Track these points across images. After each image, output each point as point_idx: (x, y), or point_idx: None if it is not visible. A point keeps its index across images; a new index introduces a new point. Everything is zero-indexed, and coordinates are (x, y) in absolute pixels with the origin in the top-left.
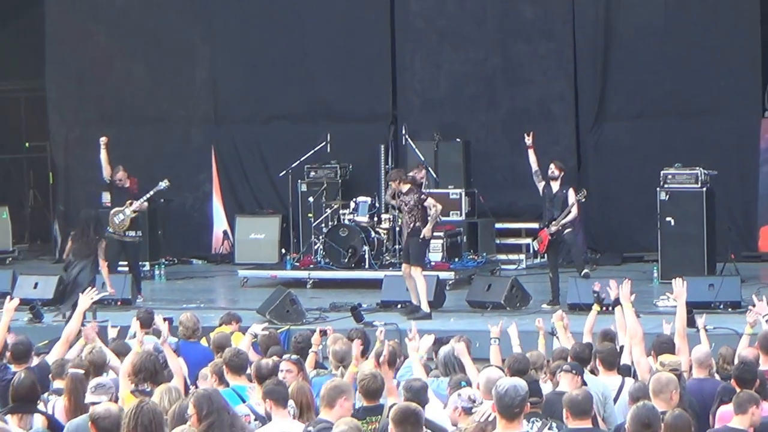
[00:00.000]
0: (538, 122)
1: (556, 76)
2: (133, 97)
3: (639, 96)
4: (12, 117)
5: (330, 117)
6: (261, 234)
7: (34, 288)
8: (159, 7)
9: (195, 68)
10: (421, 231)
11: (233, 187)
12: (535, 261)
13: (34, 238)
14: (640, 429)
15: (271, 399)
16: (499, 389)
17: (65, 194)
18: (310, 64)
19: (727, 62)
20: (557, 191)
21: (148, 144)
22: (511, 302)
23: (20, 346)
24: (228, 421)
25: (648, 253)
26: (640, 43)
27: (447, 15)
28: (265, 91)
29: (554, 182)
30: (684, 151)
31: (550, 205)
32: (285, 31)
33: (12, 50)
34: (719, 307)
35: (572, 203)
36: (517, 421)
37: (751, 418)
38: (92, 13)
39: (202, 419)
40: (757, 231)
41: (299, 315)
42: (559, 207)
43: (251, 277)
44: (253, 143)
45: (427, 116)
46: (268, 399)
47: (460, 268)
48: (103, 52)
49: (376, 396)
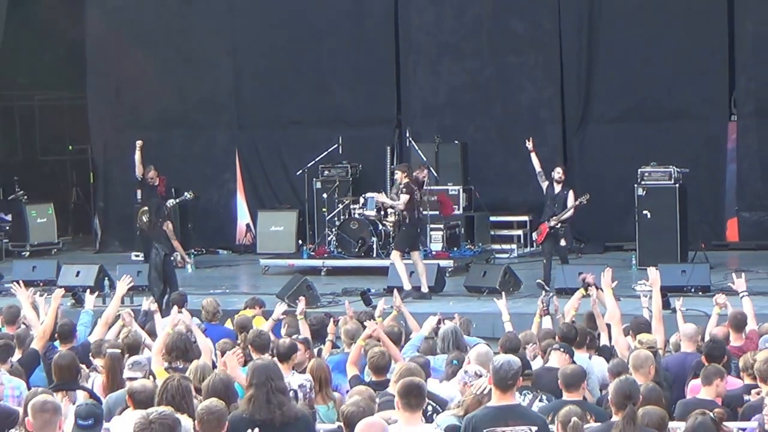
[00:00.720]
0: (528, 126)
1: (544, 84)
2: (165, 105)
3: (619, 102)
4: (57, 123)
5: (341, 122)
6: (280, 227)
7: (76, 276)
8: (188, 24)
9: (220, 79)
10: (407, 220)
11: (255, 185)
12: (525, 250)
13: (76, 231)
14: (622, 400)
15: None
16: (495, 364)
17: (104, 192)
18: (324, 75)
19: (698, 72)
20: (559, 192)
21: (178, 147)
22: (505, 287)
23: (65, 327)
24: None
25: (627, 243)
26: (619, 55)
27: (446, 30)
28: (282, 99)
29: (557, 184)
30: (659, 151)
31: (551, 203)
32: (301, 46)
33: (57, 64)
34: (691, 290)
35: (573, 204)
36: (510, 393)
37: (716, 389)
38: (128, 30)
39: (252, 386)
40: (724, 223)
41: (314, 299)
42: (560, 205)
43: (271, 265)
44: (273, 146)
45: (428, 121)
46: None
47: (459, 257)
48: (137, 65)
49: (384, 371)
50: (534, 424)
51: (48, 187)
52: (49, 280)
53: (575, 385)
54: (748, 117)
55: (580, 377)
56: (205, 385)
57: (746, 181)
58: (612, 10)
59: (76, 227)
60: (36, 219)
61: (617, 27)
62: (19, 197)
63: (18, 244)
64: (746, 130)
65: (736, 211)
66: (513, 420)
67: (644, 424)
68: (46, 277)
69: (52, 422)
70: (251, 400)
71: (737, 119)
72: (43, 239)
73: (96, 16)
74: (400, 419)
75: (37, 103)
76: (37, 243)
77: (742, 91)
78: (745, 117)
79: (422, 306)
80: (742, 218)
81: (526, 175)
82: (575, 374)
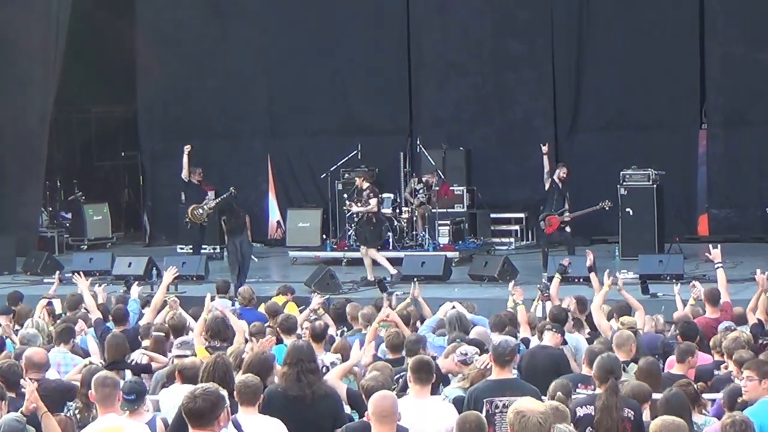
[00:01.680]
0: (524, 134)
1: (538, 97)
2: (206, 116)
3: (604, 112)
4: (110, 133)
5: (360, 131)
6: (307, 223)
7: (128, 266)
8: (226, 45)
9: (255, 93)
10: (373, 219)
11: (285, 187)
12: (522, 243)
13: (128, 227)
14: (604, 374)
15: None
16: (494, 343)
17: (152, 193)
18: (345, 90)
19: (673, 86)
20: (563, 188)
21: (217, 153)
22: (503, 276)
23: (119, 311)
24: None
25: (611, 236)
26: (604, 71)
27: (452, 50)
28: (309, 111)
29: (561, 181)
30: (638, 156)
31: (558, 197)
32: (326, 63)
33: (110, 80)
34: (666, 278)
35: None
36: (507, 368)
37: (688, 365)
38: (173, 49)
39: (286, 364)
40: (696, 219)
41: (337, 286)
42: (562, 200)
43: (299, 257)
44: (301, 152)
45: (437, 130)
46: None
47: (463, 249)
48: (182, 80)
49: (399, 349)
50: (528, 394)
51: (103, 189)
52: (104, 271)
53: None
54: (716, 126)
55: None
56: (245, 362)
57: (715, 183)
58: (597, 32)
59: (128, 224)
60: (92, 217)
61: (602, 47)
62: (77, 198)
63: (77, 238)
64: (715, 138)
65: (707, 208)
66: (510, 391)
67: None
68: (102, 267)
69: (112, 395)
70: (285, 377)
71: (707, 128)
72: (99, 234)
73: (145, 37)
74: (412, 391)
75: (93, 115)
76: (94, 238)
77: (711, 103)
78: (714, 126)
79: (433, 291)
80: (712, 215)
81: (522, 177)
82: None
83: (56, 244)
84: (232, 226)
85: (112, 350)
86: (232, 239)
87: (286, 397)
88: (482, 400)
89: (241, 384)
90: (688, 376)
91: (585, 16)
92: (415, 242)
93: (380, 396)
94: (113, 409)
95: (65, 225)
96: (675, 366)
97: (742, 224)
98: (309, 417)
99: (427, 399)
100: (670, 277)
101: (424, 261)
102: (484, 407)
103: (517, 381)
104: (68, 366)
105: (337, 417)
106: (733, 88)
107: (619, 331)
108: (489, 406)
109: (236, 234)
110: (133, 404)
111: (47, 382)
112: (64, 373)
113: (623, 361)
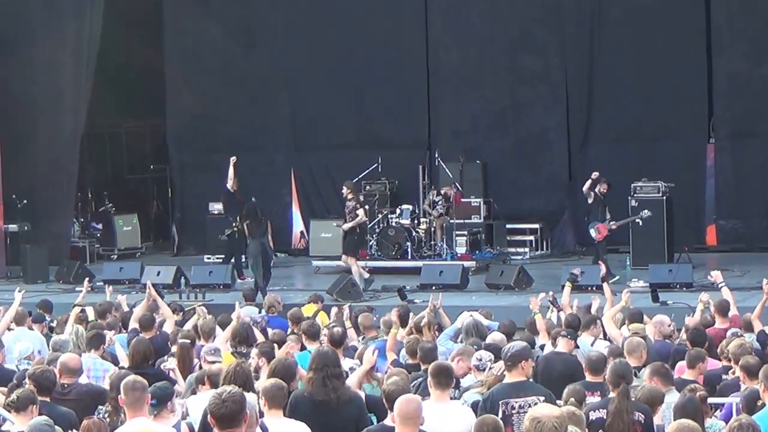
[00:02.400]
0: (539, 146)
1: (552, 111)
2: (232, 131)
3: (615, 126)
4: (140, 146)
5: (380, 144)
6: (329, 233)
7: (157, 275)
8: (251, 62)
9: (278, 109)
10: (356, 229)
11: (308, 198)
12: (537, 252)
13: (156, 237)
14: (617, 379)
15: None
16: (504, 348)
17: (180, 204)
18: (366, 105)
19: (682, 101)
20: (605, 200)
21: (243, 166)
22: (519, 284)
23: (145, 317)
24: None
25: (622, 246)
26: (615, 86)
27: (469, 66)
28: (331, 125)
29: (603, 195)
30: (648, 168)
31: (601, 208)
32: (347, 79)
33: (140, 96)
34: (676, 287)
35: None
36: (518, 371)
37: (698, 370)
38: (200, 66)
39: (312, 370)
40: (704, 229)
41: (358, 294)
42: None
43: (322, 266)
44: (323, 165)
45: (454, 143)
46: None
47: (480, 258)
48: (208, 96)
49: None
50: (542, 395)
51: (133, 201)
52: (133, 279)
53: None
54: (724, 140)
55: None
56: (270, 368)
57: (723, 194)
58: (609, 48)
59: (157, 234)
60: (122, 227)
61: (613, 63)
62: (108, 209)
63: (107, 248)
64: (722, 151)
65: (714, 219)
66: (524, 392)
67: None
68: (131, 276)
69: (141, 399)
70: (310, 381)
71: (715, 141)
72: (129, 244)
73: (173, 55)
74: (432, 396)
75: (123, 130)
76: (124, 248)
77: (719, 117)
78: (721, 139)
79: (450, 299)
80: (720, 225)
81: (537, 189)
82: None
83: (87, 253)
84: (255, 230)
85: (137, 355)
86: (256, 240)
87: (313, 401)
88: (498, 402)
89: (268, 388)
90: (697, 381)
91: (597, 34)
92: (434, 252)
93: (405, 399)
94: (142, 413)
95: (96, 235)
96: (685, 371)
97: (749, 234)
98: (334, 421)
99: (447, 403)
100: (679, 286)
101: (442, 270)
102: (500, 409)
103: (530, 383)
104: (98, 371)
105: (360, 421)
106: (740, 102)
107: (630, 337)
108: (505, 407)
109: (259, 236)
110: (154, 408)
111: (79, 387)
112: (94, 377)
113: (634, 366)
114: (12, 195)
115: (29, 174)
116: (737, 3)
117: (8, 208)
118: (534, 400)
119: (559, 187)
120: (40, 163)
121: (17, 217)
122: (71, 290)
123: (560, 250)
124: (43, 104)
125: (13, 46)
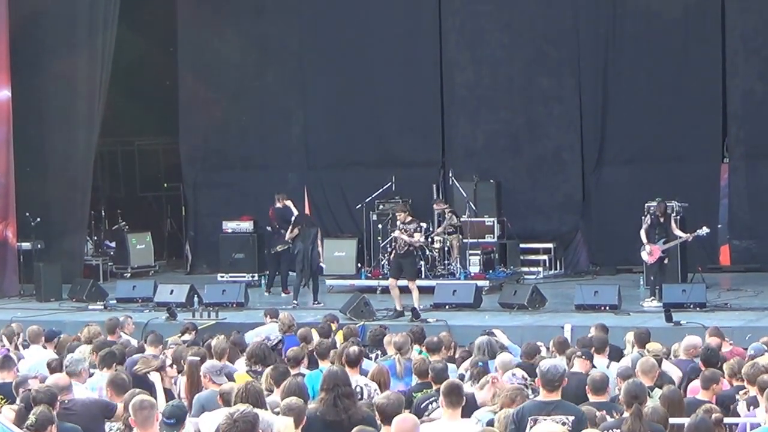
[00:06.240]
0: (553, 166)
1: (566, 131)
2: (245, 149)
3: (629, 146)
4: (153, 164)
5: (394, 163)
6: (342, 252)
7: (170, 294)
8: (265, 80)
9: (291, 127)
10: (414, 252)
11: (321, 217)
12: (550, 272)
13: (170, 256)
14: (630, 399)
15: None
16: (542, 368)
17: (194, 222)
18: (380, 123)
19: (696, 121)
20: (663, 222)
21: (256, 184)
22: (533, 304)
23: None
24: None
25: (636, 266)
26: (629, 106)
27: (483, 85)
28: (344, 144)
29: (661, 217)
30: (662, 188)
31: (660, 230)
32: (360, 99)
33: (153, 113)
34: (690, 307)
35: (691, 234)
36: (555, 391)
37: (712, 391)
38: (214, 84)
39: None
40: (718, 249)
41: (371, 313)
42: (663, 233)
43: (335, 285)
44: (336, 183)
45: (468, 162)
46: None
47: (494, 278)
48: (222, 113)
49: (426, 375)
50: (572, 415)
51: (146, 219)
52: (147, 297)
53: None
54: (738, 160)
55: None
56: (283, 387)
57: (736, 214)
58: (623, 69)
59: (170, 252)
60: (136, 245)
61: (627, 83)
62: (121, 227)
63: (120, 266)
64: (736, 171)
65: (728, 239)
66: (555, 411)
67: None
68: (145, 294)
69: (151, 416)
70: (322, 401)
71: (729, 161)
72: (142, 263)
73: (187, 72)
74: (444, 415)
75: (136, 148)
76: (137, 266)
77: (733, 137)
78: (735, 160)
79: (463, 319)
80: (733, 245)
81: (551, 208)
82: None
83: (101, 271)
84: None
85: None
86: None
87: (324, 421)
88: (527, 417)
89: (286, 406)
90: (711, 401)
91: (611, 54)
92: (447, 271)
93: (402, 418)
94: (153, 430)
95: (109, 253)
96: (699, 392)
97: (763, 254)
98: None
99: (459, 422)
100: (693, 306)
101: (455, 289)
102: (528, 424)
103: (562, 402)
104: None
105: None
106: (754, 123)
107: (644, 357)
108: (533, 423)
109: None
110: (173, 428)
111: (74, 401)
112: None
113: (648, 386)
114: (26, 213)
115: (43, 192)
116: (752, 22)
117: (22, 226)
118: (562, 419)
119: (573, 207)
120: (54, 181)
121: (31, 235)
122: (84, 308)
123: (574, 270)
124: (58, 122)
125: (28, 64)
